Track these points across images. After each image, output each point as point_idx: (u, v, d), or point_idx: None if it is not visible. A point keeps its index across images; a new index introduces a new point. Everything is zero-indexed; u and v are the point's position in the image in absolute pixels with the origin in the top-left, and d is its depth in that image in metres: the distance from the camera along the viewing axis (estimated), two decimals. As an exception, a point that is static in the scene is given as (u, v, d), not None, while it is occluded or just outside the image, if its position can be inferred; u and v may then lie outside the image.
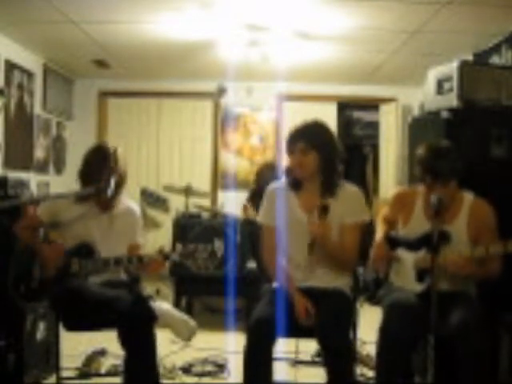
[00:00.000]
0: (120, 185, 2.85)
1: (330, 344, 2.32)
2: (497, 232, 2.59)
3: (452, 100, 3.14)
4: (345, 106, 7.53)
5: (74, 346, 3.49)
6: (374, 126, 7.36)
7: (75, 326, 2.74)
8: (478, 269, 2.49)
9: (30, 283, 2.71)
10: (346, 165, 2.68)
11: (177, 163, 6.90)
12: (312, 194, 2.61)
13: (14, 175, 4.42)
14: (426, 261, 2.51)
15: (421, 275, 2.58)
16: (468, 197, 2.69)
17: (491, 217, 2.63)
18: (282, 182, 2.73)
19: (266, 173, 4.95)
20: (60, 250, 2.71)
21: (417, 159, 2.71)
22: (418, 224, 2.67)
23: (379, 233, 2.73)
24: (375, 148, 6.94)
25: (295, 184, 2.64)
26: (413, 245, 2.62)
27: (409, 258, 2.65)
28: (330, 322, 2.35)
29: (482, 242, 2.53)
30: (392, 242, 2.67)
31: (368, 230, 2.73)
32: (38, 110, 5.73)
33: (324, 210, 2.47)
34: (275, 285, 2.67)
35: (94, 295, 2.63)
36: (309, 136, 2.57)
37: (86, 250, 2.73)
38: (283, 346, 3.06)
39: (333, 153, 2.59)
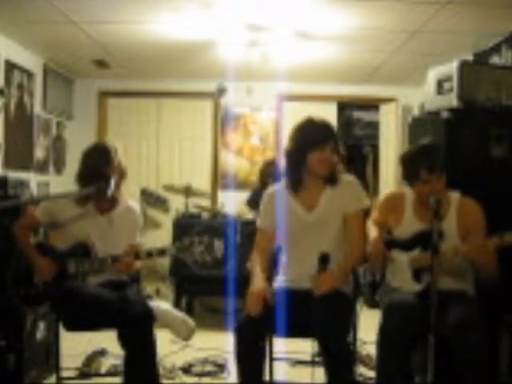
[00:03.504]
0: (119, 182, 2.84)
1: (329, 346, 2.32)
2: (485, 229, 2.58)
3: (452, 100, 3.14)
4: (345, 106, 7.53)
5: (74, 346, 3.49)
6: (374, 125, 7.36)
7: (75, 326, 2.73)
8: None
9: (30, 288, 2.71)
10: (348, 164, 2.67)
11: (177, 163, 6.90)
12: (313, 189, 2.61)
13: (14, 175, 4.41)
14: (421, 260, 2.52)
15: (417, 275, 2.58)
16: (455, 196, 2.69)
17: (480, 215, 2.62)
18: (279, 184, 2.71)
19: (268, 169, 4.96)
20: (50, 269, 2.71)
21: (407, 159, 2.71)
22: (409, 225, 2.67)
23: (373, 233, 2.72)
24: (375, 148, 6.94)
25: (297, 183, 2.63)
26: (407, 245, 2.62)
27: (403, 259, 2.65)
28: (329, 324, 2.35)
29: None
30: (386, 244, 2.67)
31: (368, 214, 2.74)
32: (38, 109, 5.73)
33: (324, 260, 2.38)
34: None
35: (92, 296, 2.62)
36: (334, 136, 2.60)
37: (82, 250, 2.73)
38: (283, 346, 3.06)
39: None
